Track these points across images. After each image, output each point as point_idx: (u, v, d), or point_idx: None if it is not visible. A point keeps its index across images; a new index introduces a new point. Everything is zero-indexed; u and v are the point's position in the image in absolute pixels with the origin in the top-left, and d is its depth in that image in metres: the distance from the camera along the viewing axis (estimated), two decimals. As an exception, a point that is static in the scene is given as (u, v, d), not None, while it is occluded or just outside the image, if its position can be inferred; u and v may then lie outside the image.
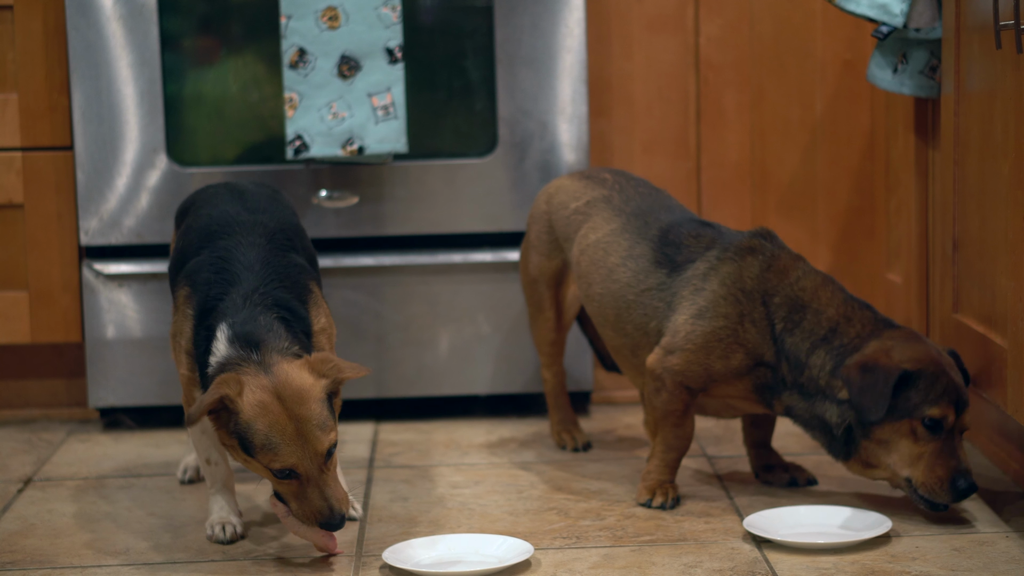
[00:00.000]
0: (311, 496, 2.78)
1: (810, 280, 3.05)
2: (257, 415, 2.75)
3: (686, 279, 3.11)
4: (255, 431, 2.75)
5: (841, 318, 3.00)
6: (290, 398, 2.76)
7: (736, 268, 3.07)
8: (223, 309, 2.86)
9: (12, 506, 3.28)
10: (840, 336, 2.98)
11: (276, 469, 2.76)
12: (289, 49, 3.64)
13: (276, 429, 2.75)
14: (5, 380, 3.97)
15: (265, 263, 2.93)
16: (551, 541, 2.97)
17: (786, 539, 2.90)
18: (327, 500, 2.77)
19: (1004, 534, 2.94)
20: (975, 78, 3.08)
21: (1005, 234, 2.92)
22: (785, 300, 3.03)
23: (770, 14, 3.92)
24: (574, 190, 3.41)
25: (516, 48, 3.76)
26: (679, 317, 3.08)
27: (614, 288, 3.22)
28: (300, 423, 2.75)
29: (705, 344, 3.05)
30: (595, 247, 3.29)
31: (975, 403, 3.48)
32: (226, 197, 3.11)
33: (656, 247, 3.19)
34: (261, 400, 2.75)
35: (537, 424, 3.80)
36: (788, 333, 3.01)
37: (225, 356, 2.82)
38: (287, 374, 2.78)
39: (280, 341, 2.83)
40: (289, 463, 2.75)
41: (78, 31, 3.72)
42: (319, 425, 2.76)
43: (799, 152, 3.95)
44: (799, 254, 3.12)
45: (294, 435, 2.75)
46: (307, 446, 2.75)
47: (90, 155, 3.75)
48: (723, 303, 3.05)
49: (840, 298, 3.03)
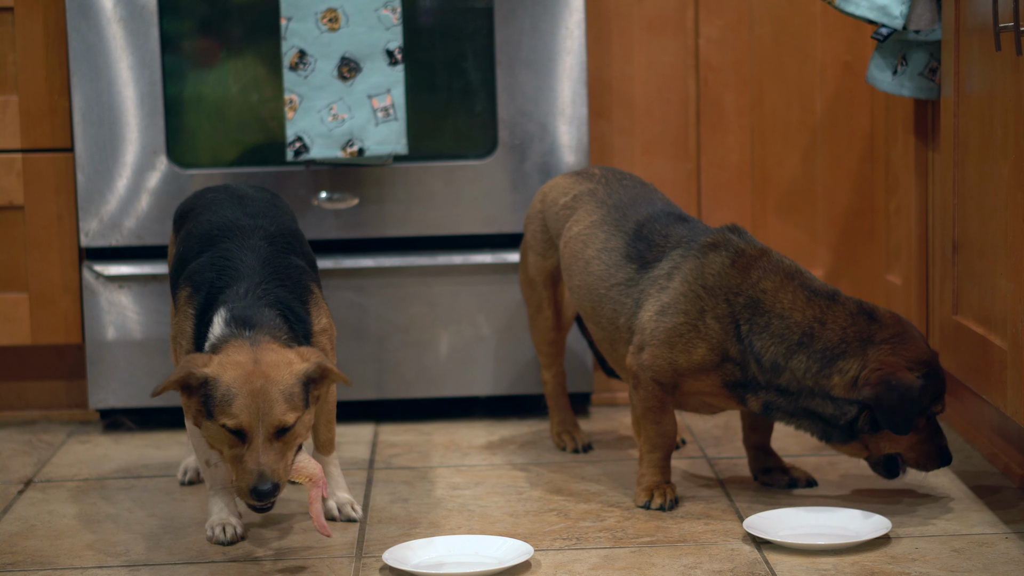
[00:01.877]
0: (246, 461, 2.73)
1: (770, 281, 3.05)
2: (225, 370, 2.75)
3: (653, 278, 3.13)
4: (219, 384, 2.74)
5: (813, 321, 3.01)
6: (265, 363, 2.76)
7: (698, 265, 3.08)
8: (223, 299, 2.87)
9: (12, 507, 3.28)
10: (818, 340, 3.00)
11: (226, 425, 2.73)
12: (289, 51, 3.64)
13: (238, 383, 2.74)
14: (5, 381, 3.97)
15: (266, 264, 2.94)
16: (551, 542, 2.97)
17: (786, 540, 2.90)
18: (258, 466, 2.72)
19: (1004, 535, 2.94)
20: (975, 80, 3.08)
21: (1005, 235, 2.92)
22: (748, 301, 3.04)
23: (770, 16, 3.92)
24: (564, 187, 3.43)
25: (516, 50, 3.76)
26: (644, 314, 3.10)
27: (589, 281, 3.24)
28: (265, 384, 2.74)
29: (668, 339, 3.06)
30: (576, 239, 3.30)
31: (975, 403, 3.48)
32: (226, 202, 3.12)
33: (630, 241, 3.20)
34: (235, 360, 2.76)
35: (537, 425, 3.80)
36: (756, 336, 3.02)
37: (219, 336, 2.83)
38: (271, 347, 2.79)
39: (276, 330, 2.84)
40: (240, 420, 2.73)
41: (78, 33, 3.72)
42: (283, 393, 2.74)
43: (799, 154, 3.96)
44: (765, 247, 3.11)
45: (253, 393, 2.73)
46: (262, 409, 2.73)
47: (90, 157, 3.76)
48: (683, 300, 3.06)
49: (803, 298, 3.03)
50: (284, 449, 2.76)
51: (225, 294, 2.88)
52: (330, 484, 3.14)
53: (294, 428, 2.77)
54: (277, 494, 2.75)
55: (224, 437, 2.76)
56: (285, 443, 2.76)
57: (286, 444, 2.77)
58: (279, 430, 2.75)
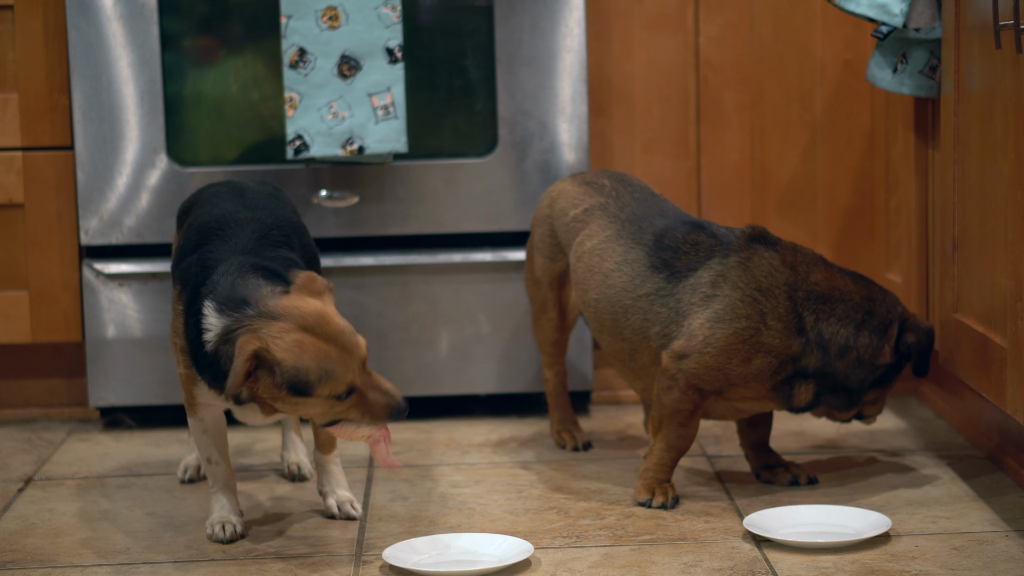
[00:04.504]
0: (374, 399, 2.80)
1: (817, 271, 3.15)
2: (300, 354, 2.75)
3: (691, 286, 3.13)
4: (306, 369, 2.75)
5: (866, 300, 3.16)
6: (314, 325, 2.77)
7: (746, 270, 3.11)
8: (204, 292, 2.86)
9: (12, 505, 3.28)
10: (875, 315, 3.15)
11: (340, 394, 2.77)
12: (289, 49, 3.64)
13: (324, 357, 2.75)
14: (6, 379, 3.97)
15: (248, 252, 2.93)
16: (551, 540, 2.97)
17: (786, 538, 2.90)
18: (388, 393, 2.80)
19: (1003, 533, 2.94)
20: (975, 78, 3.08)
21: (1005, 234, 2.92)
22: (808, 294, 3.12)
23: (770, 14, 3.92)
24: (574, 196, 3.42)
25: (516, 48, 3.76)
26: (695, 321, 3.09)
27: (610, 293, 3.24)
28: (338, 340, 2.77)
29: (728, 346, 3.07)
30: (591, 254, 3.30)
31: (975, 401, 3.48)
32: (226, 196, 3.11)
33: (651, 252, 3.21)
34: (294, 340, 2.75)
35: (537, 424, 3.80)
36: (824, 323, 3.12)
37: (222, 327, 2.81)
38: (295, 307, 2.79)
39: (263, 289, 2.83)
40: (349, 381, 2.77)
41: (78, 31, 3.72)
42: (350, 334, 2.79)
43: (799, 152, 3.96)
44: (792, 243, 3.19)
45: (340, 355, 2.77)
46: (353, 359, 2.77)
47: (90, 155, 3.76)
48: (741, 305, 3.07)
49: (849, 281, 3.17)
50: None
51: (205, 286, 2.87)
52: (330, 482, 3.15)
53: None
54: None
55: (332, 402, 2.79)
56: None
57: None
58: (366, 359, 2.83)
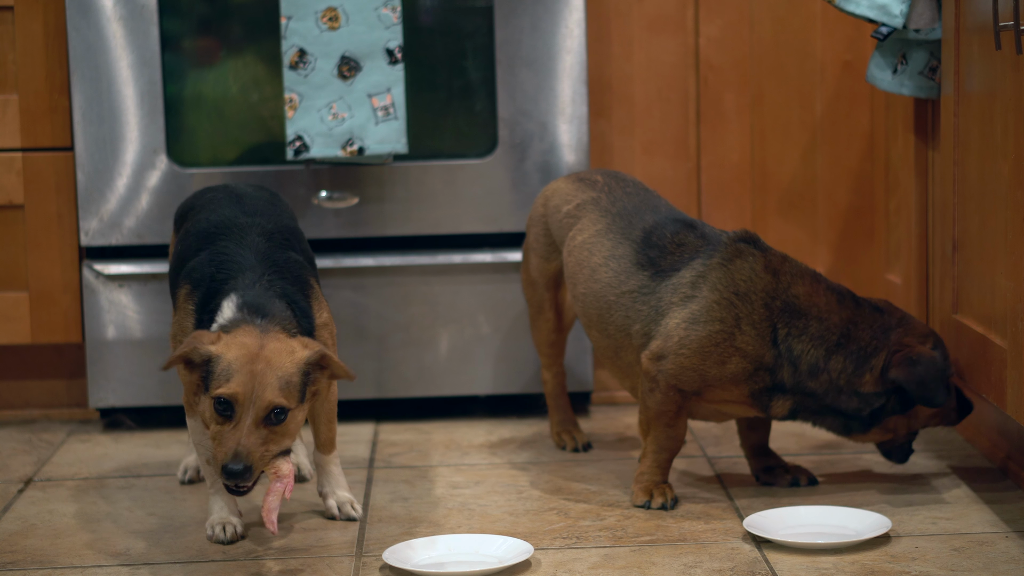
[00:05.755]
0: (227, 437, 2.75)
1: (801, 284, 3.10)
2: (230, 349, 2.78)
3: (673, 285, 3.12)
4: (222, 360, 2.77)
5: (847, 323, 3.09)
6: (270, 348, 2.79)
7: (727, 273, 3.09)
8: (230, 288, 2.89)
9: (12, 506, 3.28)
10: (853, 340, 3.08)
11: (219, 395, 2.75)
12: (289, 50, 3.64)
13: (240, 361, 2.76)
14: (5, 380, 3.97)
15: (265, 259, 2.95)
16: (551, 541, 2.97)
17: (786, 539, 2.90)
18: (237, 444, 2.73)
19: (1004, 534, 2.94)
20: (975, 79, 3.08)
21: (1005, 235, 2.92)
22: (784, 305, 3.08)
23: (770, 15, 3.92)
24: (567, 193, 3.42)
25: (516, 49, 3.76)
26: (671, 322, 3.09)
27: (596, 288, 3.24)
28: (265, 368, 2.76)
29: (701, 348, 3.06)
30: (580, 248, 3.30)
31: (975, 402, 3.48)
32: (224, 201, 3.12)
33: (639, 248, 3.20)
34: (241, 342, 2.79)
35: (537, 425, 3.80)
36: (795, 339, 3.07)
37: (230, 318, 2.85)
38: (278, 336, 2.82)
39: (287, 322, 2.87)
40: (232, 390, 2.74)
41: (78, 32, 3.72)
42: (281, 379, 2.77)
43: (799, 153, 3.96)
44: (783, 253, 3.15)
45: (252, 373, 2.75)
46: (257, 390, 2.75)
47: (90, 156, 3.76)
48: (716, 308, 3.06)
49: (834, 301, 3.10)
50: (269, 438, 2.76)
51: (229, 284, 2.90)
52: (330, 483, 3.15)
53: (284, 423, 2.77)
54: (249, 478, 2.73)
55: (214, 413, 2.77)
56: (272, 432, 2.76)
57: (272, 434, 2.77)
58: (268, 415, 2.75)
